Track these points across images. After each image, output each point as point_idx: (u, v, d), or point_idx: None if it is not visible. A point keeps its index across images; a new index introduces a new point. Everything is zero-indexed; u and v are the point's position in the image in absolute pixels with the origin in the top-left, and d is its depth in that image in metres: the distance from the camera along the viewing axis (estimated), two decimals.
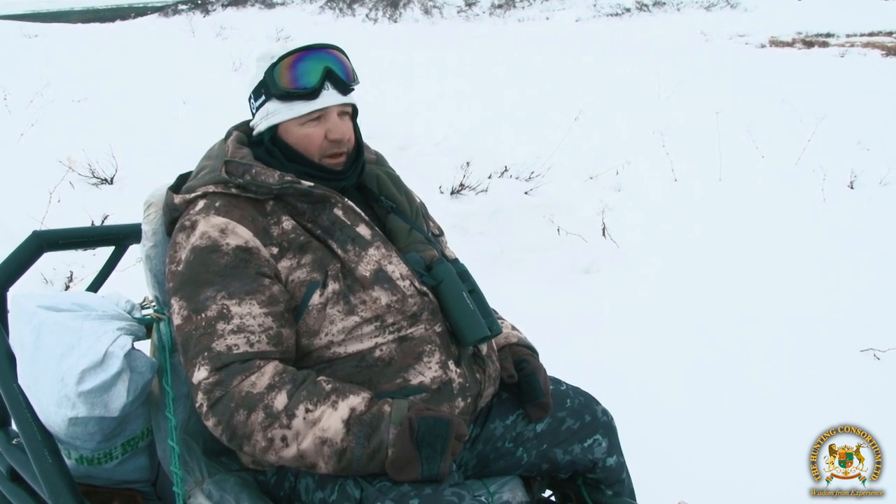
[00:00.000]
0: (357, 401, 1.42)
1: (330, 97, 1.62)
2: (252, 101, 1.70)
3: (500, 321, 1.85)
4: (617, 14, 29.47)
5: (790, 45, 20.83)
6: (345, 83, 1.64)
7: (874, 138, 8.23)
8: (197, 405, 1.43)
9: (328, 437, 1.38)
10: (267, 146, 1.66)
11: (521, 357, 1.78)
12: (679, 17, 27.96)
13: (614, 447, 1.80)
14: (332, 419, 1.38)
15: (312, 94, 1.60)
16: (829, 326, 3.99)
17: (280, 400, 1.39)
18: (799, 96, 10.38)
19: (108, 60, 10.81)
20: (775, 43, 21.21)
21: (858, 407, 3.20)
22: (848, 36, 22.15)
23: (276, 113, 1.63)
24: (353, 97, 1.68)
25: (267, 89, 1.63)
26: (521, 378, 1.73)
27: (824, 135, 7.75)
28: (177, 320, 1.49)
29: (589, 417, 1.77)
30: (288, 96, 1.61)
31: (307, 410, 1.39)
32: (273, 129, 1.66)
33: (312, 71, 1.60)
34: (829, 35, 22.50)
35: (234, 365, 1.42)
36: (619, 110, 9.34)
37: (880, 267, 4.80)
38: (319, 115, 1.63)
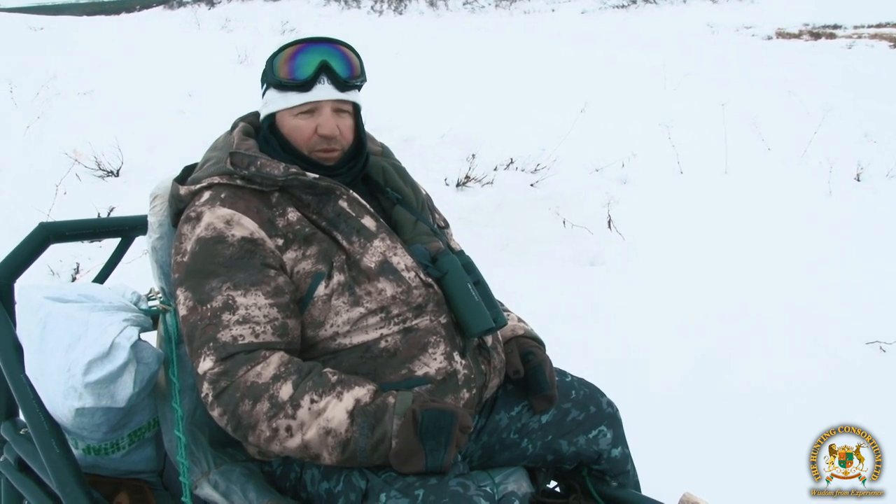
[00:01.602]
0: (362, 392, 1.42)
1: (323, 91, 1.61)
2: (260, 88, 1.71)
3: (506, 313, 1.85)
4: (623, 6, 29.42)
5: (797, 36, 20.76)
6: (342, 79, 1.63)
7: (881, 130, 8.19)
8: (202, 395, 1.44)
9: (332, 427, 1.38)
10: (265, 134, 1.67)
11: (528, 349, 1.78)
12: (685, 9, 27.88)
13: (619, 438, 1.80)
14: (336, 409, 1.39)
15: (304, 86, 1.60)
16: (835, 319, 3.98)
17: (285, 390, 1.40)
18: (805, 88, 10.35)
19: (114, 53, 10.81)
20: (782, 35, 21.13)
21: (864, 400, 3.20)
22: (855, 27, 22.06)
23: (272, 102, 1.65)
24: (353, 95, 1.67)
25: (267, 78, 1.65)
26: (527, 370, 1.73)
27: (831, 127, 7.72)
28: (182, 311, 1.49)
29: (594, 409, 1.77)
30: (282, 86, 1.62)
31: (312, 401, 1.39)
32: (271, 118, 1.67)
33: (308, 63, 1.60)
34: (836, 27, 22.41)
35: (239, 355, 1.42)
36: (625, 102, 9.32)
37: (887, 259, 4.79)
38: (312, 109, 1.62)
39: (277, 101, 1.64)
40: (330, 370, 1.46)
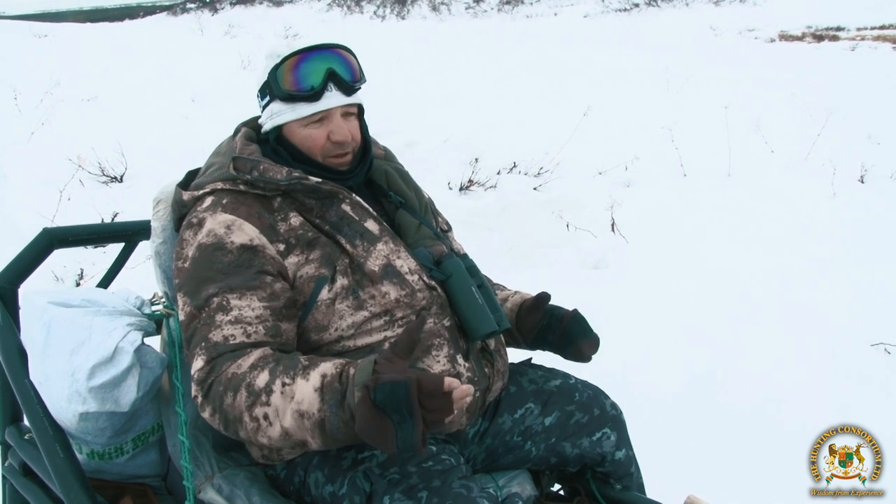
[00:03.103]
0: (328, 367, 1.35)
1: (332, 99, 1.61)
2: (259, 98, 1.70)
3: (505, 289, 1.92)
4: (625, 9, 29.38)
5: (800, 39, 20.73)
6: (348, 84, 1.63)
7: (885, 132, 8.17)
8: (193, 397, 1.43)
9: (304, 409, 1.32)
10: (273, 145, 1.66)
11: (553, 306, 1.80)
12: (688, 12, 27.86)
13: (623, 441, 1.80)
14: (305, 389, 1.33)
15: (314, 96, 1.60)
16: (840, 321, 3.97)
17: (262, 378, 1.36)
18: (809, 90, 10.33)
19: (117, 59, 10.86)
20: (785, 37, 21.11)
21: (868, 401, 3.19)
22: (858, 29, 22.02)
23: (279, 114, 1.63)
24: (358, 97, 1.67)
25: (271, 90, 1.63)
26: (566, 321, 1.75)
27: (834, 129, 7.71)
28: (182, 316, 1.50)
29: (598, 411, 1.77)
30: (290, 98, 1.60)
31: (283, 384, 1.35)
32: (278, 129, 1.66)
33: (314, 73, 1.59)
34: (839, 29, 22.37)
35: (227, 354, 1.42)
36: (628, 105, 9.31)
37: (891, 261, 4.77)
38: (322, 117, 1.62)
39: (286, 113, 1.62)
40: (304, 355, 1.42)
